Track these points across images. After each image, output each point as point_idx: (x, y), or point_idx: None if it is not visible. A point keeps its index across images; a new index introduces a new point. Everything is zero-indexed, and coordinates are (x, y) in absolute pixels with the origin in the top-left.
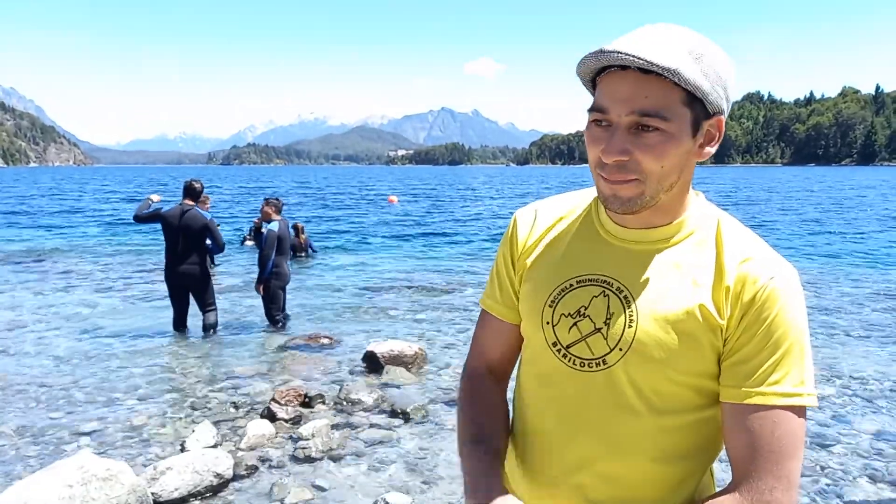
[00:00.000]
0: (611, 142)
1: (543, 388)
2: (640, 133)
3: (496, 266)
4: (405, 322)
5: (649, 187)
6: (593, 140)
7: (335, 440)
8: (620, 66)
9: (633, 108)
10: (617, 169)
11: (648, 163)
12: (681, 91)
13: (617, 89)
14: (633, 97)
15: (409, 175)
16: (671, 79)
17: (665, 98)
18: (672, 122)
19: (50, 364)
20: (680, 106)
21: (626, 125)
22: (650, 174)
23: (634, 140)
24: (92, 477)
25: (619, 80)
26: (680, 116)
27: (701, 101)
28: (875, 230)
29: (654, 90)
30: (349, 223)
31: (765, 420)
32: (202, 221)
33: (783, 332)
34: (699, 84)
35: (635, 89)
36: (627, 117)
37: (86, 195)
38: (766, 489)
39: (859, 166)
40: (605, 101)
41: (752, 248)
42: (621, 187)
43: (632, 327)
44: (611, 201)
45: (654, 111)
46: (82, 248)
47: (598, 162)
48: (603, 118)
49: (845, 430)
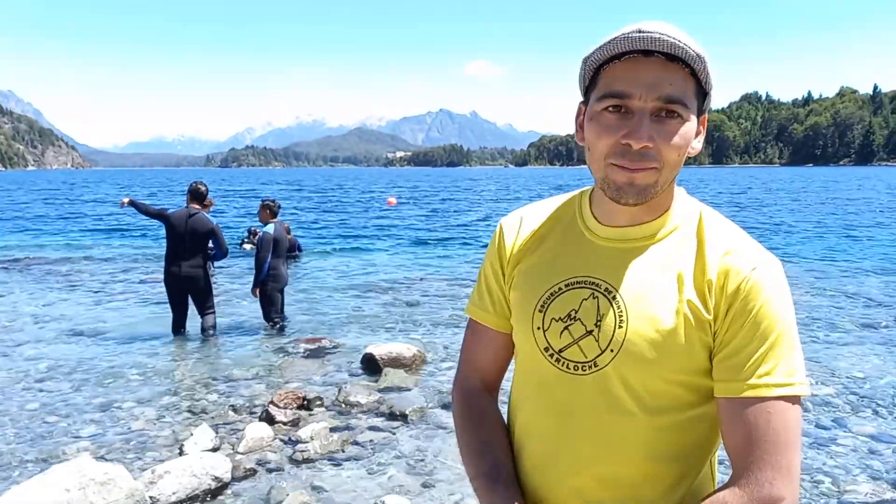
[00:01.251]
0: (640, 127)
1: (537, 394)
2: (665, 120)
3: (483, 275)
4: (403, 324)
5: (663, 176)
6: (607, 128)
7: (334, 443)
8: (643, 53)
9: (660, 94)
10: (641, 156)
11: (668, 151)
12: (694, 82)
13: (642, 74)
14: (659, 82)
15: (407, 177)
16: (694, 67)
17: (685, 87)
18: (690, 112)
19: (47, 368)
20: (692, 97)
21: (650, 111)
22: (667, 162)
23: (656, 127)
24: (90, 481)
25: (642, 64)
26: (692, 107)
27: (703, 95)
28: (869, 226)
29: (678, 78)
30: (348, 225)
31: (759, 411)
32: (209, 226)
33: (770, 322)
34: (711, 77)
35: (661, 75)
36: (653, 102)
37: (83, 199)
38: (765, 481)
39: (857, 166)
40: (627, 86)
41: (734, 240)
42: (639, 175)
43: (622, 328)
44: (625, 191)
45: (678, 97)
46: (78, 252)
47: (614, 150)
48: (622, 104)
49: (843, 431)
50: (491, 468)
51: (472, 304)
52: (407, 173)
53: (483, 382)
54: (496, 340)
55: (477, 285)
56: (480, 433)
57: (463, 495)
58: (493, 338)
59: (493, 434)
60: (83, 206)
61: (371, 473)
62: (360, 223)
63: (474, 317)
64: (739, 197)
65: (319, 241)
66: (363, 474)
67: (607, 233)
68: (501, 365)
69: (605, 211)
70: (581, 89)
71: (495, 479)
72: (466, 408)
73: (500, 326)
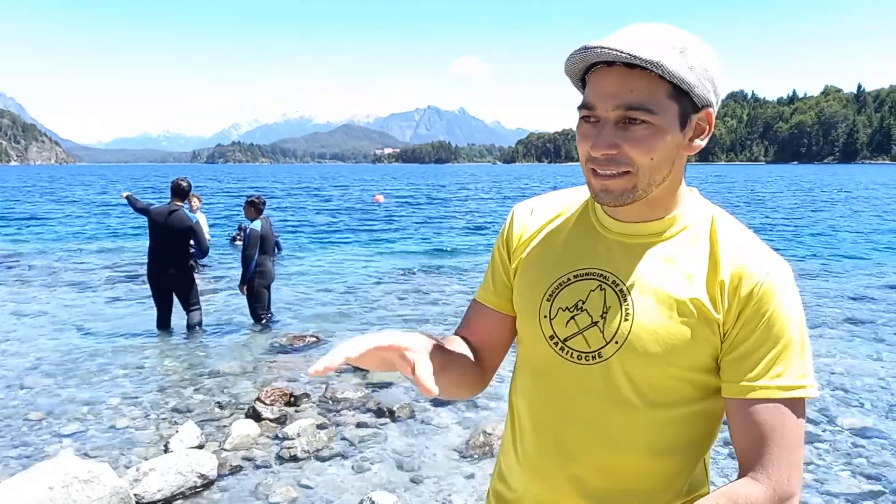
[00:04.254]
0: (599, 136)
1: (539, 382)
2: (628, 126)
3: (492, 259)
4: (391, 320)
5: (641, 180)
6: (583, 136)
7: (321, 439)
8: (607, 63)
9: (619, 103)
10: (607, 162)
11: (637, 155)
12: (667, 84)
13: (603, 85)
14: (618, 92)
15: (396, 173)
16: (655, 72)
17: (650, 92)
18: (658, 116)
19: (30, 365)
20: (666, 99)
21: (614, 119)
22: (641, 167)
23: (622, 134)
24: (73, 479)
25: (605, 76)
26: (666, 110)
27: (687, 94)
28: (851, 220)
29: (640, 84)
30: (336, 221)
31: (773, 413)
32: (187, 223)
33: (782, 325)
34: (684, 76)
35: (621, 84)
36: (614, 112)
37: (67, 195)
38: (784, 478)
39: (841, 164)
40: (593, 98)
41: (747, 243)
42: (612, 182)
43: (628, 321)
44: (601, 196)
45: (639, 104)
46: (61, 248)
47: (588, 157)
48: (591, 114)
49: (829, 426)
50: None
51: (480, 289)
52: (395, 170)
53: (468, 342)
54: (494, 320)
55: (486, 271)
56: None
57: (451, 492)
58: (492, 317)
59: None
60: (65, 203)
61: (358, 470)
62: (347, 219)
63: (479, 298)
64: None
65: (307, 236)
66: (350, 471)
67: (618, 227)
68: (490, 341)
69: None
70: None
71: None
72: None
73: (501, 307)
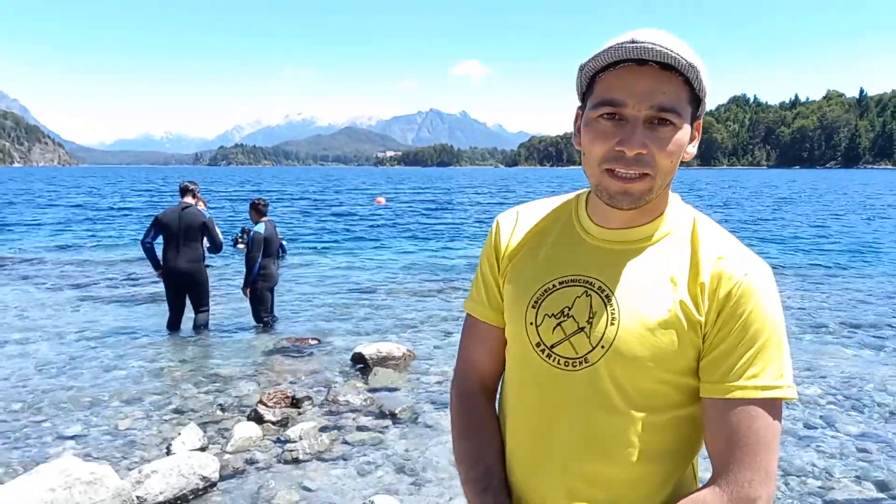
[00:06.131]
0: (633, 135)
1: (527, 389)
2: (656, 128)
3: (480, 270)
4: (393, 323)
5: (657, 182)
6: (602, 134)
7: (323, 442)
8: (637, 62)
9: (653, 103)
10: (635, 162)
11: (662, 157)
12: (688, 90)
13: (635, 83)
14: (653, 91)
15: (398, 176)
16: (688, 76)
17: (678, 95)
18: (682, 119)
19: (33, 367)
20: (685, 104)
21: (643, 119)
22: (661, 169)
23: (650, 134)
24: (76, 481)
25: (636, 74)
26: (686, 115)
27: (698, 102)
28: (854, 226)
29: (671, 86)
30: (337, 224)
31: (743, 414)
32: (201, 219)
33: (759, 326)
34: (706, 85)
35: (655, 84)
36: (646, 111)
37: (69, 197)
38: (744, 482)
39: (843, 168)
40: (621, 95)
41: (727, 245)
42: (632, 184)
43: (614, 325)
44: (619, 198)
45: (670, 106)
46: (65, 250)
47: (608, 156)
48: (616, 112)
49: (831, 430)
50: (482, 474)
51: (469, 300)
52: (398, 173)
53: (481, 383)
54: (492, 336)
55: (474, 281)
56: (475, 438)
57: (452, 495)
58: (489, 333)
59: (487, 439)
60: (71, 207)
61: (360, 473)
62: (349, 222)
63: (470, 311)
64: (727, 198)
65: (309, 240)
66: (352, 474)
67: (602, 234)
68: (498, 362)
69: (600, 213)
70: (578, 95)
71: (486, 486)
72: (463, 411)
73: (496, 321)
